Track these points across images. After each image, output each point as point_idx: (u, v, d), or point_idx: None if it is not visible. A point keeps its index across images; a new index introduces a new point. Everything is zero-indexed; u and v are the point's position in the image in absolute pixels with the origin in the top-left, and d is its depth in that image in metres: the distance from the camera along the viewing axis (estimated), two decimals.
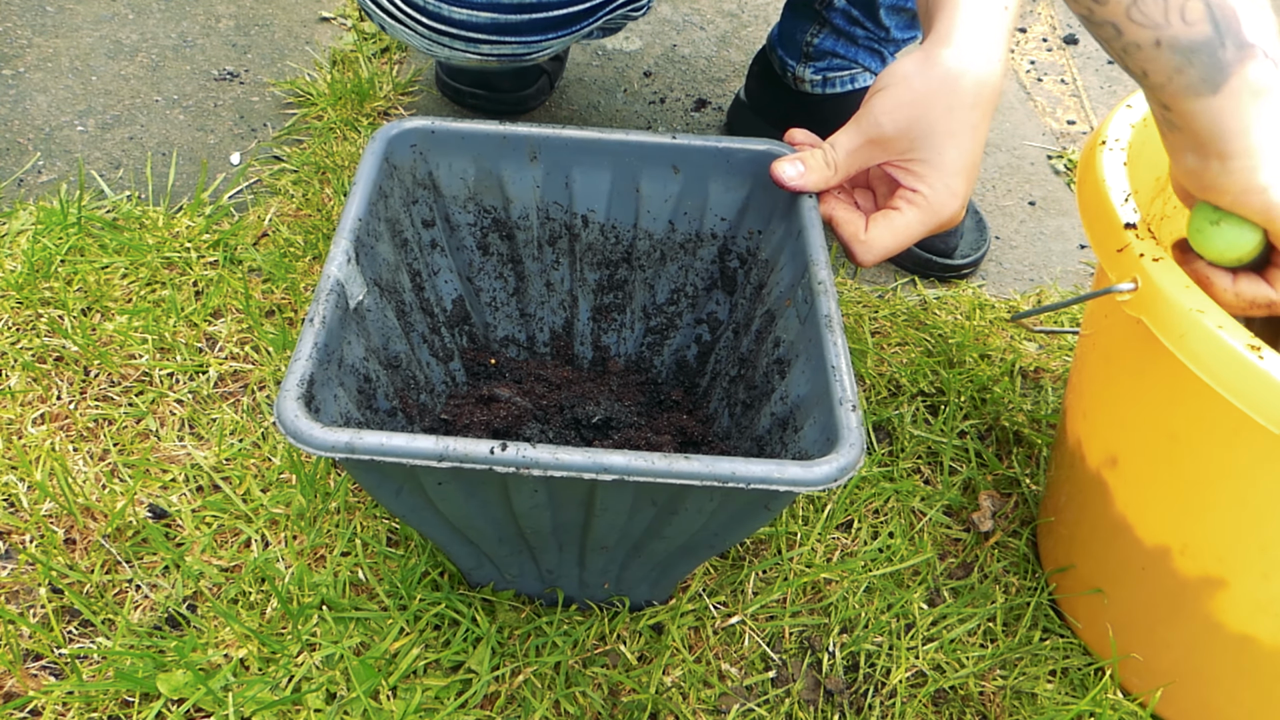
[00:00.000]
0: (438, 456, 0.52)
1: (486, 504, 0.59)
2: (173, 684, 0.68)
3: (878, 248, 0.69)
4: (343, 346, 0.63)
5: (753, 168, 0.75)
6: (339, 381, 0.61)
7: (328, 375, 0.60)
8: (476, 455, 0.52)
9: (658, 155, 0.76)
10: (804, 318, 0.66)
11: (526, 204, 0.79)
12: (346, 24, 1.35)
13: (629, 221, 0.79)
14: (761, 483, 0.53)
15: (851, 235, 0.70)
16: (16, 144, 1.12)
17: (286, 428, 0.53)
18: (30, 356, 0.88)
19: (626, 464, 0.52)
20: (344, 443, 0.52)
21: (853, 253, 0.70)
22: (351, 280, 0.65)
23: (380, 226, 0.71)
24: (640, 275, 0.82)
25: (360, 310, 0.66)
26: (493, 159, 0.76)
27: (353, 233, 0.66)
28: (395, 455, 0.52)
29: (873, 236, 0.69)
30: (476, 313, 0.83)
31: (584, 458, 0.52)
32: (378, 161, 0.71)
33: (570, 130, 0.76)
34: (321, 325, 0.59)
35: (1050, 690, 0.74)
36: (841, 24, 1.04)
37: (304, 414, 0.54)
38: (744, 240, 0.78)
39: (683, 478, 0.53)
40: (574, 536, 0.63)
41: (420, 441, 0.53)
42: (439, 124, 0.75)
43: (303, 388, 0.55)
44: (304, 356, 0.57)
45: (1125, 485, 0.68)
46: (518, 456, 0.52)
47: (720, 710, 0.72)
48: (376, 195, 0.70)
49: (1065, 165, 1.27)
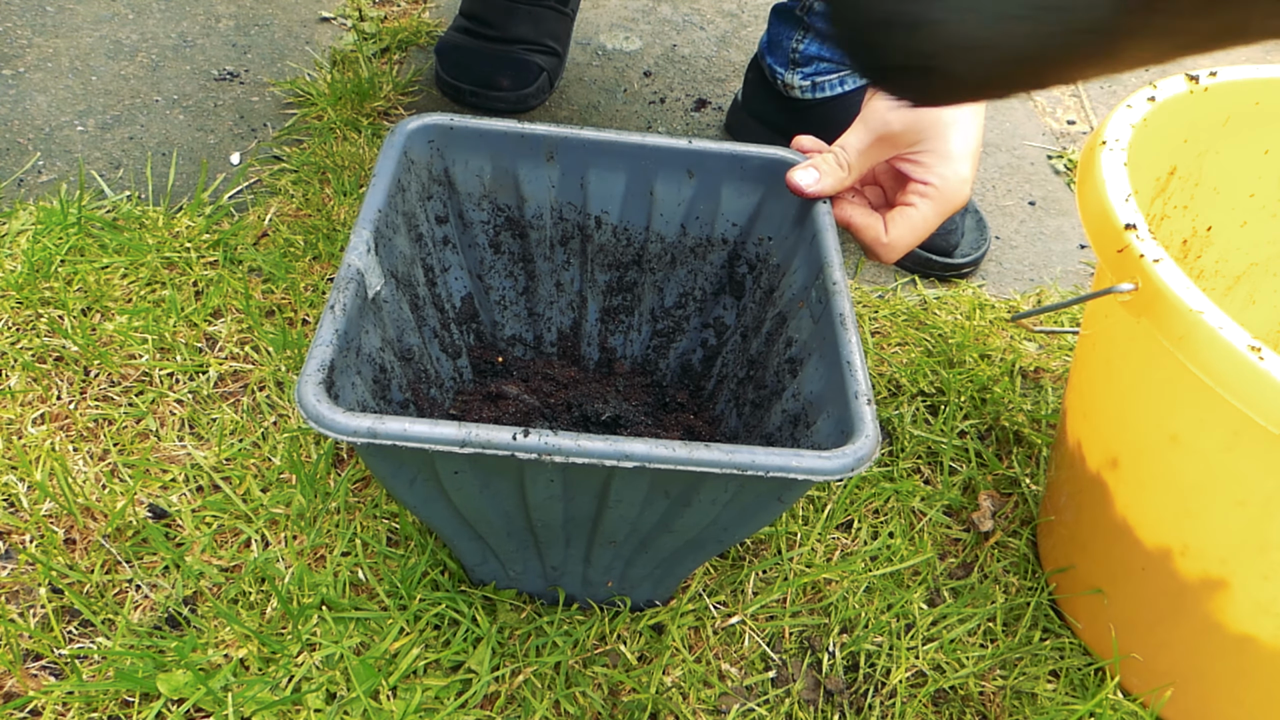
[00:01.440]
0: (460, 442, 0.53)
1: (500, 495, 0.59)
2: (173, 684, 0.68)
3: (900, 246, 0.72)
4: (361, 335, 0.63)
5: (765, 174, 0.76)
6: (356, 370, 0.62)
7: (346, 363, 0.60)
8: (499, 442, 0.53)
9: (673, 159, 0.76)
10: (818, 318, 0.67)
11: (541, 203, 0.79)
12: (346, 24, 1.35)
13: (641, 224, 0.80)
14: (780, 471, 0.53)
15: (874, 240, 0.72)
16: (16, 144, 1.12)
17: (308, 412, 0.53)
18: (30, 356, 0.88)
19: (648, 451, 0.53)
20: (366, 428, 0.53)
21: (877, 254, 0.73)
22: (371, 270, 0.65)
23: (398, 219, 0.71)
24: (650, 278, 0.82)
25: (378, 300, 0.66)
26: (509, 158, 0.76)
27: (373, 223, 0.66)
28: (418, 441, 0.53)
29: (894, 236, 0.71)
30: (485, 311, 0.83)
31: (606, 445, 0.53)
32: (398, 154, 0.72)
33: (588, 131, 0.76)
34: (342, 312, 0.60)
35: (1050, 690, 0.74)
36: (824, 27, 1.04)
37: (325, 399, 0.54)
38: (754, 246, 0.79)
39: (703, 465, 0.53)
40: (583, 530, 0.64)
41: (442, 428, 0.53)
42: (457, 120, 0.75)
43: (324, 373, 0.56)
44: (325, 342, 0.57)
45: (1125, 486, 0.68)
46: (540, 443, 0.53)
47: (720, 710, 0.72)
48: (395, 188, 0.70)
49: (1065, 165, 1.27)
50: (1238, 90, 0.77)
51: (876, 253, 0.73)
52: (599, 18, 1.43)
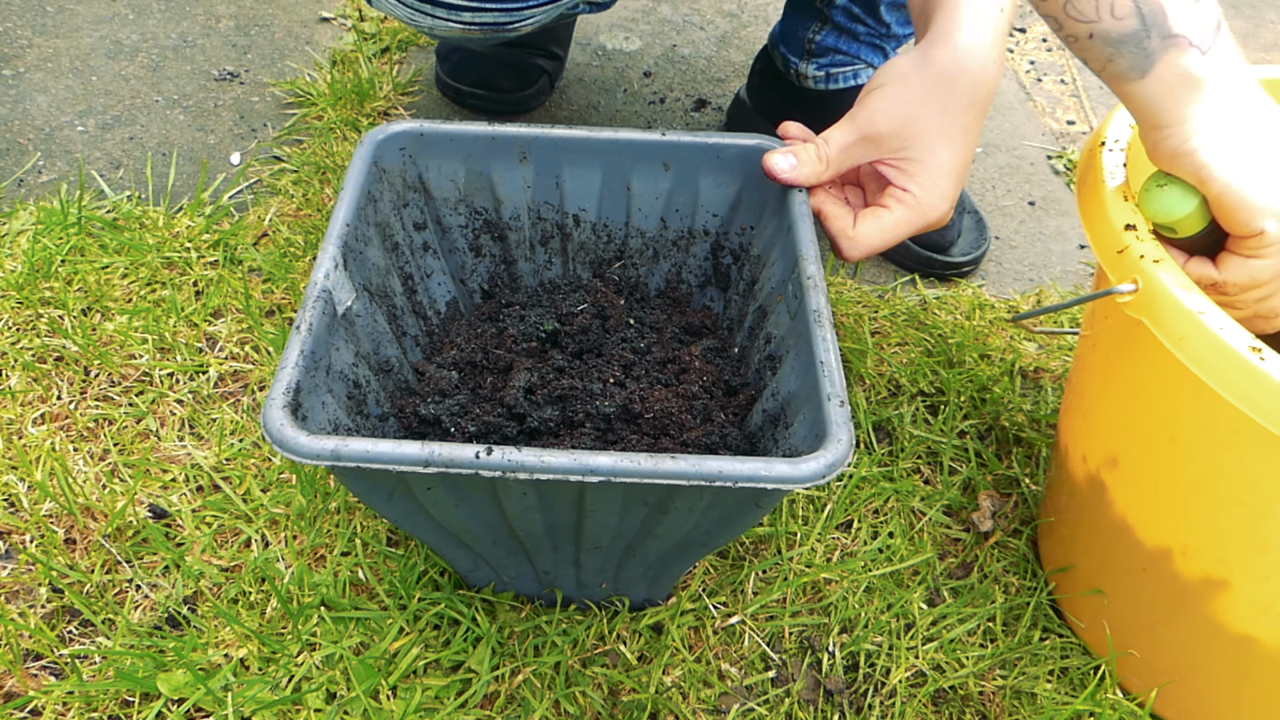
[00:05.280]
0: (423, 462, 0.52)
1: (478, 507, 0.59)
2: (173, 684, 0.68)
3: (864, 244, 0.70)
4: (331, 353, 0.63)
5: (743, 163, 0.75)
6: (327, 388, 0.61)
7: (315, 383, 0.59)
8: (461, 460, 0.52)
9: (648, 153, 0.76)
10: (794, 313, 0.66)
11: (518, 205, 0.79)
12: (346, 24, 1.35)
13: (620, 220, 0.79)
14: (749, 481, 0.53)
15: (840, 230, 0.70)
16: (17, 144, 1.12)
17: (273, 436, 0.53)
18: (30, 356, 0.88)
19: (613, 465, 0.52)
20: (329, 450, 0.52)
21: (839, 247, 0.71)
22: (339, 286, 0.64)
23: (370, 231, 0.71)
24: (634, 273, 0.82)
25: (349, 316, 0.66)
26: (483, 160, 0.76)
27: (340, 239, 0.66)
28: (380, 462, 0.53)
29: (860, 233, 0.70)
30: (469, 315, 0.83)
31: (570, 460, 0.52)
32: (366, 166, 0.71)
33: (559, 130, 0.75)
34: (308, 332, 0.59)
35: (1050, 690, 0.74)
36: (842, 20, 1.04)
37: (290, 422, 0.54)
38: (736, 236, 0.78)
39: (670, 478, 0.53)
40: (567, 537, 0.63)
41: (405, 447, 0.53)
42: (427, 126, 0.74)
43: (289, 396, 0.55)
44: (290, 364, 0.57)
45: (1125, 486, 0.68)
46: (503, 460, 0.52)
47: (720, 710, 0.72)
48: (365, 200, 0.70)
49: (1065, 165, 1.27)
50: None
51: (839, 245, 0.71)
52: (599, 18, 1.43)
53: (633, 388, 0.69)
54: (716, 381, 0.73)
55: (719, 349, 0.76)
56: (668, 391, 0.69)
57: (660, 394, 0.69)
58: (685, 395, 0.70)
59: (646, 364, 0.72)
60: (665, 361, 0.73)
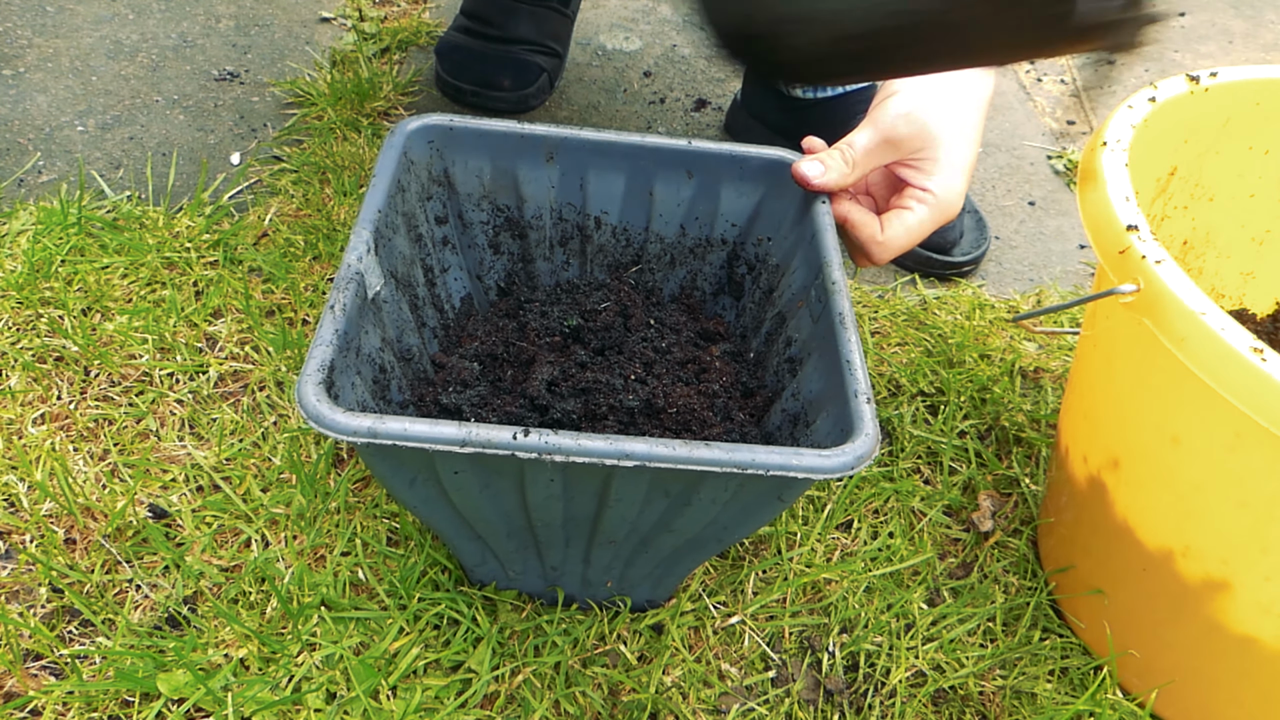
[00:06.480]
0: (460, 442, 0.52)
1: (500, 494, 0.59)
2: (173, 684, 0.68)
3: (894, 246, 0.73)
4: (361, 335, 0.63)
5: (765, 175, 0.76)
6: (356, 370, 0.62)
7: (346, 363, 0.60)
8: (499, 441, 0.53)
9: (672, 159, 0.76)
10: (817, 317, 0.67)
11: (540, 204, 0.79)
12: (346, 24, 1.35)
13: (641, 224, 0.79)
14: (780, 470, 0.54)
15: (869, 237, 0.73)
16: (16, 144, 1.12)
17: (309, 412, 0.53)
18: (30, 356, 0.88)
19: (648, 450, 0.53)
20: (366, 428, 0.52)
21: (869, 253, 0.74)
22: (370, 270, 0.65)
23: (398, 219, 0.71)
24: (650, 278, 0.82)
25: (377, 301, 0.66)
26: (509, 158, 0.76)
27: (373, 223, 0.66)
28: (418, 441, 0.53)
29: (889, 236, 0.72)
30: (484, 311, 0.83)
31: (606, 444, 0.53)
32: (398, 155, 0.72)
33: (588, 132, 0.76)
34: (342, 312, 0.60)
35: (1050, 690, 0.74)
36: None
37: (325, 399, 0.54)
38: (753, 247, 0.79)
39: (703, 464, 0.53)
40: (583, 530, 0.64)
41: (442, 427, 0.53)
42: (457, 121, 0.75)
43: (324, 373, 0.55)
44: (325, 342, 0.57)
45: (1126, 487, 0.68)
46: (540, 442, 0.53)
47: (720, 710, 0.72)
48: (395, 189, 0.70)
49: (1065, 165, 1.27)
50: (1238, 91, 0.77)
51: (869, 251, 0.74)
52: (599, 18, 1.43)
53: (655, 384, 0.70)
54: (734, 383, 0.73)
55: (734, 353, 0.76)
56: (689, 389, 0.70)
57: (682, 390, 0.69)
58: (706, 393, 0.70)
59: (667, 362, 0.73)
60: (685, 361, 0.74)
